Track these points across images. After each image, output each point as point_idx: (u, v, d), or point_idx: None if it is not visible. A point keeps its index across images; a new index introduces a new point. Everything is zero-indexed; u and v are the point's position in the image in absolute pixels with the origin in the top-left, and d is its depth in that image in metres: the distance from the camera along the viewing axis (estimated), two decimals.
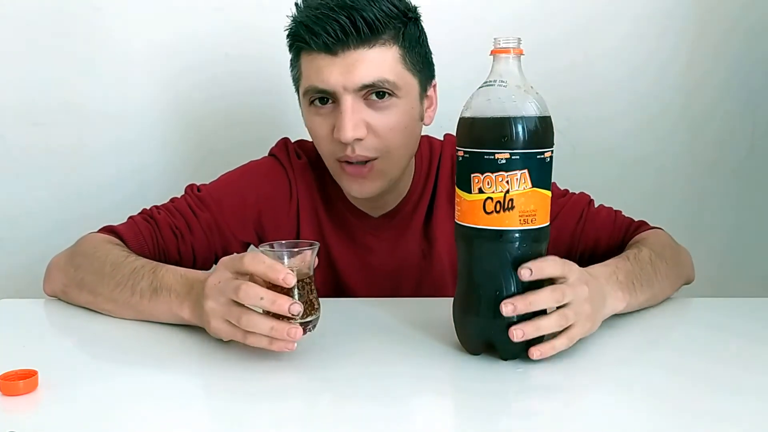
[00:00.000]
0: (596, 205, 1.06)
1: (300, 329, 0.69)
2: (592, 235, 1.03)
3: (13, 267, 1.51)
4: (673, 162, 1.58)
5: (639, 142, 1.56)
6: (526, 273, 0.70)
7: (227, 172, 1.07)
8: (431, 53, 0.99)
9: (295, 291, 0.72)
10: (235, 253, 0.75)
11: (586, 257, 1.05)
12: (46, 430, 0.61)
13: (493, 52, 0.72)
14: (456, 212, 0.74)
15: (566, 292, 0.72)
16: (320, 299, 0.76)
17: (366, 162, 0.94)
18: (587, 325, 0.75)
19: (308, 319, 0.73)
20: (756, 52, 1.53)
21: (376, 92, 0.91)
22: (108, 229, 0.98)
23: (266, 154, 1.10)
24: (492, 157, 0.69)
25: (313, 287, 0.75)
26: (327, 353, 0.77)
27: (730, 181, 1.59)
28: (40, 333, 0.88)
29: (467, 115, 0.72)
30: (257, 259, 0.70)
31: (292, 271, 0.70)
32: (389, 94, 0.92)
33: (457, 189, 0.73)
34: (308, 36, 0.90)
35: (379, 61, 0.90)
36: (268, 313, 0.70)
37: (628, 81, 1.53)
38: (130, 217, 1.01)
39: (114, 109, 1.49)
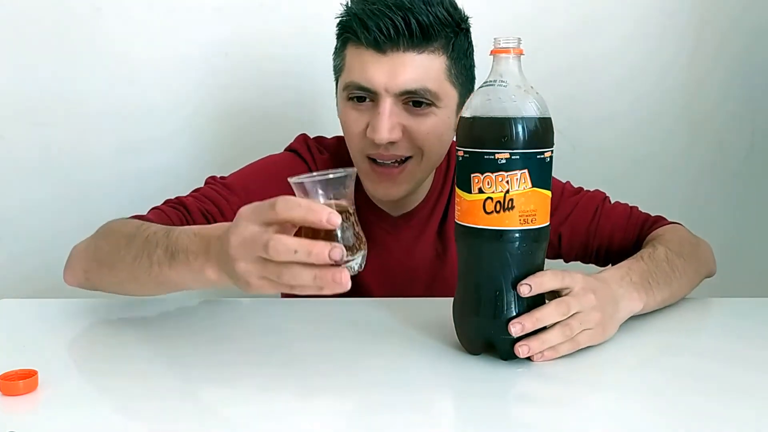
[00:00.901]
0: (612, 202, 1.06)
1: (346, 272, 0.60)
2: (607, 231, 1.03)
3: (13, 267, 1.51)
4: (673, 162, 1.58)
5: (639, 142, 1.56)
6: (525, 289, 0.70)
7: (248, 164, 1.06)
8: (475, 66, 0.99)
9: (338, 228, 0.62)
10: (256, 202, 0.65)
11: (602, 253, 1.05)
12: (46, 430, 0.61)
13: (493, 52, 0.72)
14: (456, 212, 0.74)
15: (571, 303, 0.72)
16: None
17: (398, 164, 0.95)
18: (599, 331, 0.75)
19: (356, 256, 0.63)
20: (756, 52, 1.53)
21: (415, 100, 0.91)
22: (134, 218, 0.93)
23: (281, 151, 1.09)
24: (492, 157, 0.69)
25: (355, 218, 0.65)
26: (326, 353, 0.77)
27: (730, 181, 1.59)
28: (40, 333, 0.88)
29: (467, 114, 0.72)
30: (291, 204, 0.60)
31: (331, 203, 0.61)
32: (428, 104, 0.92)
33: (457, 189, 0.73)
34: (360, 29, 0.89)
35: (425, 68, 0.90)
36: None
37: (628, 81, 1.53)
38: (155, 207, 0.96)
39: (114, 109, 1.49)
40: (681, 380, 0.71)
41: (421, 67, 0.90)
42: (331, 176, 0.63)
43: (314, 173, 0.63)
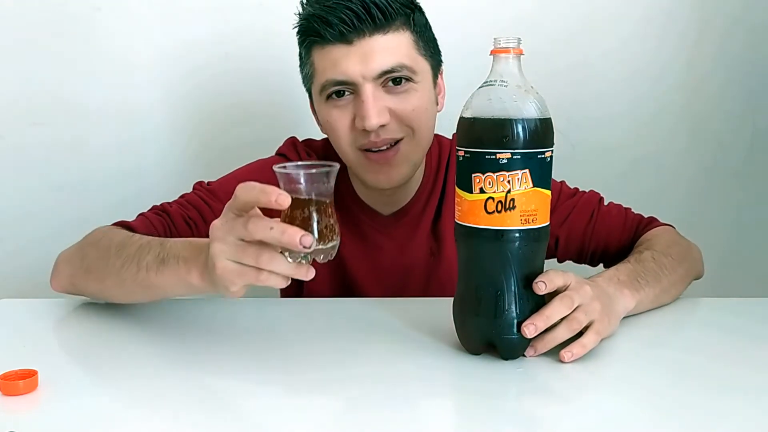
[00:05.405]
0: (606, 203, 1.07)
1: (312, 269, 0.68)
2: (604, 234, 1.04)
3: (13, 267, 1.51)
4: (673, 162, 1.58)
5: (639, 142, 1.56)
6: (542, 286, 0.72)
7: (235, 169, 1.07)
8: (437, 40, 1.01)
9: (314, 215, 0.66)
10: None
11: (597, 256, 1.05)
12: (46, 430, 0.61)
13: (493, 52, 0.72)
14: (456, 212, 0.74)
15: (573, 296, 0.74)
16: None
17: (392, 146, 0.95)
18: (605, 321, 0.76)
19: (329, 245, 0.67)
20: (756, 52, 1.53)
21: (394, 79, 0.93)
22: (119, 224, 0.96)
23: (273, 154, 1.09)
24: (493, 157, 0.69)
25: (331, 211, 0.69)
26: (326, 353, 0.77)
27: (730, 181, 1.59)
28: (40, 333, 0.88)
29: (468, 115, 0.72)
30: (247, 186, 0.65)
31: (311, 194, 0.66)
32: (407, 80, 0.93)
33: (457, 189, 0.73)
34: (322, 27, 0.90)
35: (395, 46, 0.92)
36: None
37: (629, 81, 1.53)
38: (141, 214, 0.99)
39: (114, 109, 1.49)
40: (681, 380, 0.71)
41: (391, 46, 0.92)
42: (314, 171, 0.67)
43: (298, 163, 0.68)
